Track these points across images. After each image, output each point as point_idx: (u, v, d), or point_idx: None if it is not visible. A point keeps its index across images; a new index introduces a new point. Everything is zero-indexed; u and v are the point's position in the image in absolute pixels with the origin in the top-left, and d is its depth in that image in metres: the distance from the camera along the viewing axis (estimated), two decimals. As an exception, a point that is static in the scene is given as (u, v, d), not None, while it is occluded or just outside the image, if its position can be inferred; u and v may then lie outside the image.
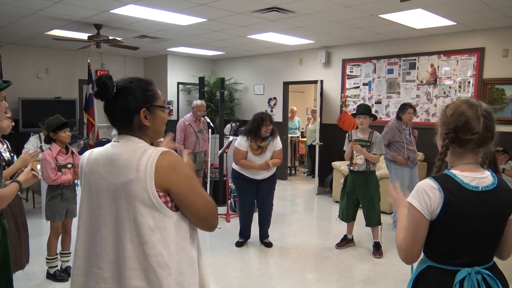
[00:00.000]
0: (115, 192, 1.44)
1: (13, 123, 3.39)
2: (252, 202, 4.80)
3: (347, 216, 4.77)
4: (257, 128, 4.55)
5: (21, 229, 3.29)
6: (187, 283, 1.48)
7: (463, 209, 1.54)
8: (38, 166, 3.98)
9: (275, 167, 4.78)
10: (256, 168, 4.56)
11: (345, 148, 4.74)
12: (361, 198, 4.66)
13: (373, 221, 4.63)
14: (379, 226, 4.66)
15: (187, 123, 5.97)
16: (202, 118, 6.15)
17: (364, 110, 4.59)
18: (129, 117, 1.49)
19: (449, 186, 1.55)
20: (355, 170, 4.61)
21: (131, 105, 1.47)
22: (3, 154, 3.03)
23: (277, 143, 4.72)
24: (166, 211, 1.43)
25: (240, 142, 4.63)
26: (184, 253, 1.48)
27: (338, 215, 4.91)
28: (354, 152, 4.58)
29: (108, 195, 1.46)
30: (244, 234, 4.92)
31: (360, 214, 4.79)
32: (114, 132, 4.24)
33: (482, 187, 1.56)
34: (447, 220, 1.56)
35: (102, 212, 1.46)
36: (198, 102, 6.06)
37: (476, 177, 1.57)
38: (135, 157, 1.43)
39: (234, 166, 4.74)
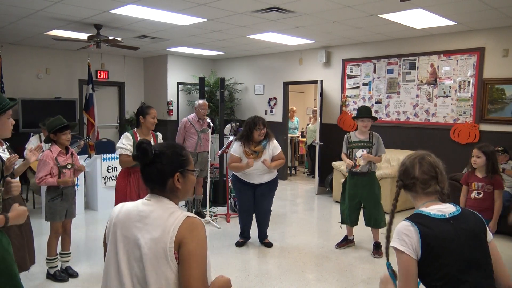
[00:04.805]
0: (138, 248, 1.51)
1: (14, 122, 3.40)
2: (250, 205, 4.76)
3: (351, 220, 4.73)
4: (249, 132, 4.48)
5: (24, 230, 3.29)
6: None
7: (439, 235, 1.69)
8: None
9: (276, 171, 4.74)
10: (243, 168, 4.49)
11: (343, 149, 4.72)
12: (364, 199, 4.62)
13: (381, 223, 4.56)
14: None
15: (189, 123, 5.97)
16: (205, 117, 6.12)
17: (368, 113, 4.57)
18: (164, 179, 1.59)
19: (420, 220, 1.74)
20: (358, 171, 4.59)
21: (166, 169, 1.59)
22: (2, 154, 3.03)
23: (275, 147, 4.61)
24: (178, 273, 1.49)
25: (234, 148, 4.59)
26: None
27: (340, 221, 4.88)
28: (357, 154, 4.56)
29: (133, 250, 1.53)
30: (244, 234, 4.93)
31: (360, 214, 4.79)
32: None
33: (448, 214, 1.75)
34: (430, 250, 1.67)
35: (127, 265, 1.54)
36: (200, 101, 6.05)
37: (440, 209, 1.77)
38: (163, 217, 1.53)
39: None
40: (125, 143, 3.94)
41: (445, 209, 1.77)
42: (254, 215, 4.89)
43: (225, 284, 1.63)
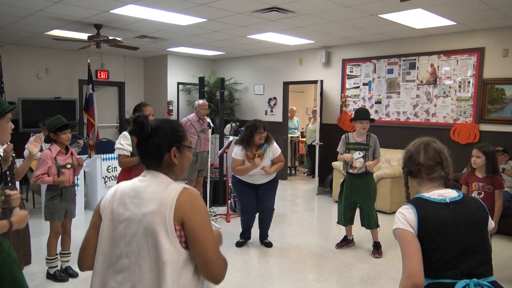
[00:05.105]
0: (136, 223, 1.51)
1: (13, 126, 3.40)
2: (253, 206, 4.76)
3: (345, 219, 4.75)
4: (250, 136, 4.48)
5: (22, 230, 3.29)
6: None
7: (436, 218, 1.69)
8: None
9: (275, 173, 4.75)
10: (250, 169, 4.50)
11: (338, 149, 4.71)
12: (360, 199, 4.64)
13: (373, 224, 4.64)
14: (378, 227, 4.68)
15: (189, 123, 5.97)
16: (205, 117, 6.12)
17: (367, 115, 4.57)
18: (160, 154, 1.59)
19: (419, 202, 1.76)
20: (355, 172, 4.59)
21: (163, 143, 1.59)
22: (1, 154, 3.03)
23: (275, 150, 4.64)
24: (178, 246, 1.48)
25: (236, 151, 4.58)
26: None
27: (337, 221, 4.89)
28: (354, 156, 4.57)
29: (129, 226, 1.53)
30: (245, 235, 4.93)
31: (357, 215, 4.79)
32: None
33: (449, 199, 1.76)
34: (427, 232, 1.68)
35: (124, 241, 1.53)
36: (200, 101, 6.05)
37: (441, 193, 1.79)
38: (159, 190, 1.53)
39: None
40: (123, 143, 3.88)
41: (447, 194, 1.77)
42: (256, 215, 4.89)
43: (216, 235, 1.64)
